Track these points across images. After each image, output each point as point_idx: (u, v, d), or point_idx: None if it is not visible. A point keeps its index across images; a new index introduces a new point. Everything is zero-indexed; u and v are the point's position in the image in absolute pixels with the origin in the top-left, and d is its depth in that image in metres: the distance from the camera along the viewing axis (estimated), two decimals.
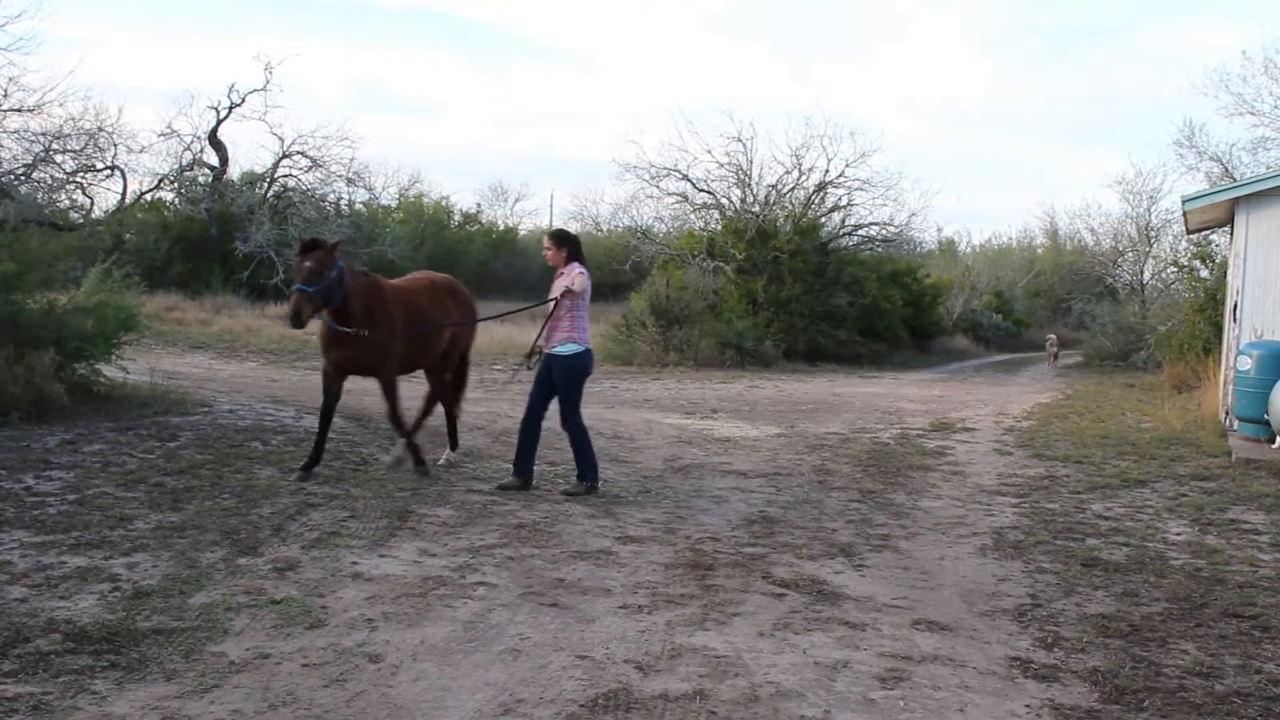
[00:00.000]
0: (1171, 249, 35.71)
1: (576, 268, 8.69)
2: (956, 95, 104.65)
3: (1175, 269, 31.78)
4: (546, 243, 9.04)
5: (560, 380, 8.68)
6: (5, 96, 26.29)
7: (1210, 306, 21.74)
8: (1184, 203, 15.47)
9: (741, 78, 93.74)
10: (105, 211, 33.12)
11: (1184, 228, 19.22)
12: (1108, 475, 10.41)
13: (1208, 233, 21.70)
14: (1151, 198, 38.91)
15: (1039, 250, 60.87)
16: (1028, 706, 4.49)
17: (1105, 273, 42.96)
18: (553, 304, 8.62)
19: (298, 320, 8.22)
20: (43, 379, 10.29)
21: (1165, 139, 59.24)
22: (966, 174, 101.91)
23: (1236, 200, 14.41)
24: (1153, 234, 39.04)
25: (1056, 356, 35.24)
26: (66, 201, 31.93)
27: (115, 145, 31.72)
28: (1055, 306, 54.77)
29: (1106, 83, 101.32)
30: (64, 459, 8.60)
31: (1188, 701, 4.61)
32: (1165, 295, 34.53)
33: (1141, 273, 39.67)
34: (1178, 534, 7.97)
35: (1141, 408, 17.19)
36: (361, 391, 15.45)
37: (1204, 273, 23.75)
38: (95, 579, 5.60)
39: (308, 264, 8.21)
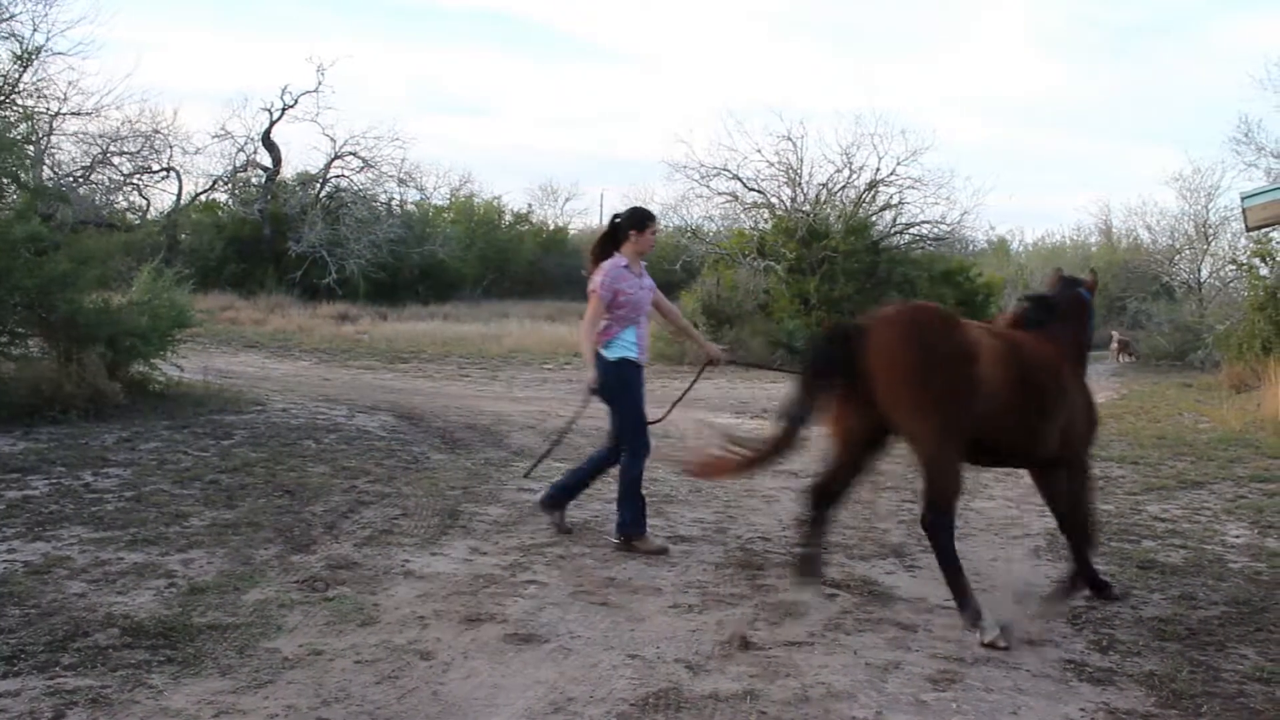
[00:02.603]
0: (1230, 246, 35.07)
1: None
2: (1009, 92, 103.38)
3: (1234, 267, 31.16)
4: (655, 226, 7.18)
5: None
6: (64, 100, 26.75)
7: (1270, 305, 21.29)
8: (1243, 199, 15.24)
9: (791, 77, 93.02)
10: (161, 213, 33.61)
11: (1243, 225, 18.88)
12: (1164, 476, 10.25)
13: (1268, 229, 21.28)
14: (1209, 195, 38.26)
15: (1093, 248, 60.10)
16: (1082, 710, 4.44)
17: (1161, 271, 42.35)
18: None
19: None
20: (95, 376, 10.44)
21: (1224, 135, 58.27)
22: (1019, 171, 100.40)
23: None
24: (1211, 231, 38.41)
25: (1120, 352, 34.69)
26: (124, 203, 32.48)
27: (171, 147, 32.28)
28: (1110, 305, 54.05)
29: (1165, 79, 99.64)
30: (121, 456, 8.74)
31: (1247, 707, 4.53)
32: (1223, 294, 33.93)
33: (1199, 271, 39.03)
34: (1236, 537, 7.83)
35: (1199, 408, 16.89)
36: (413, 390, 15.58)
37: (1264, 270, 23.21)
38: (152, 575, 5.68)
39: None
